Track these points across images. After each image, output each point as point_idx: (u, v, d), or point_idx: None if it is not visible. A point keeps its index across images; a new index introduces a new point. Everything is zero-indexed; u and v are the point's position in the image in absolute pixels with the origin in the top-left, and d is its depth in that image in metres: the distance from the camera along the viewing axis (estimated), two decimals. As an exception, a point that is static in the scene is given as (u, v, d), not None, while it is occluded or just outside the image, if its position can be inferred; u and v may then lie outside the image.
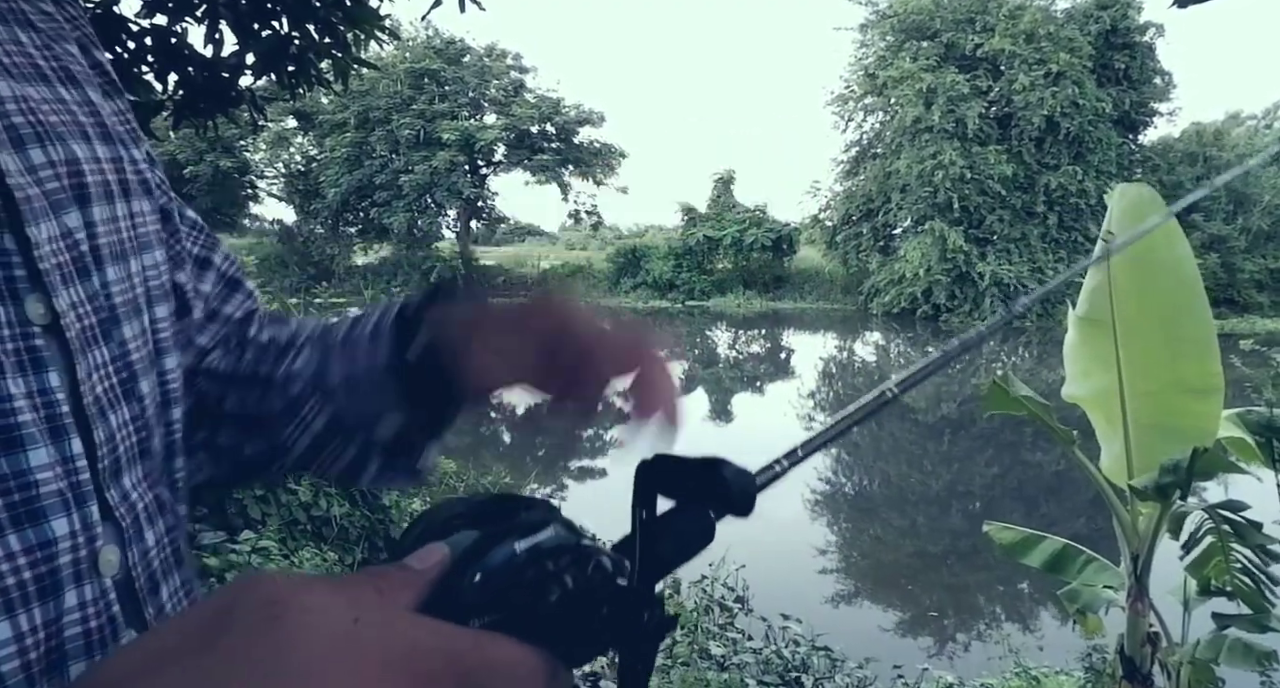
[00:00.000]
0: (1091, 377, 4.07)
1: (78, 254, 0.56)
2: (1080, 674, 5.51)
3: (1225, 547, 3.50)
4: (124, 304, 0.59)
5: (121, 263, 0.60)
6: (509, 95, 36.52)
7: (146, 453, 0.60)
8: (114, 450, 0.56)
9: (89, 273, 0.56)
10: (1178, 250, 3.86)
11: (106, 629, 0.52)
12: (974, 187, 28.29)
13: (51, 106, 0.58)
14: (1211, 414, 3.81)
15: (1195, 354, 3.81)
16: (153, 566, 0.58)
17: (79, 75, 0.63)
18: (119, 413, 0.57)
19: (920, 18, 30.25)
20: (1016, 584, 8.18)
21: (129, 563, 0.55)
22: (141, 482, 0.59)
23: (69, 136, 0.58)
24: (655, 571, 0.43)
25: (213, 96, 4.08)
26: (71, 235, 0.56)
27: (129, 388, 0.58)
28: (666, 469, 0.45)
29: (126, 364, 0.59)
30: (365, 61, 4.34)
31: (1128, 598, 3.97)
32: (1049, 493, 11.11)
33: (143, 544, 0.57)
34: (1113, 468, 4.02)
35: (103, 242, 0.58)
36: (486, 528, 0.42)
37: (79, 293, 0.55)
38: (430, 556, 0.40)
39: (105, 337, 0.57)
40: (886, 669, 5.72)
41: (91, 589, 0.52)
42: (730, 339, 27.74)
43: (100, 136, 0.61)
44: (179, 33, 3.94)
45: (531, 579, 0.40)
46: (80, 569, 0.51)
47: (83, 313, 0.55)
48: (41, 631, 0.49)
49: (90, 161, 0.59)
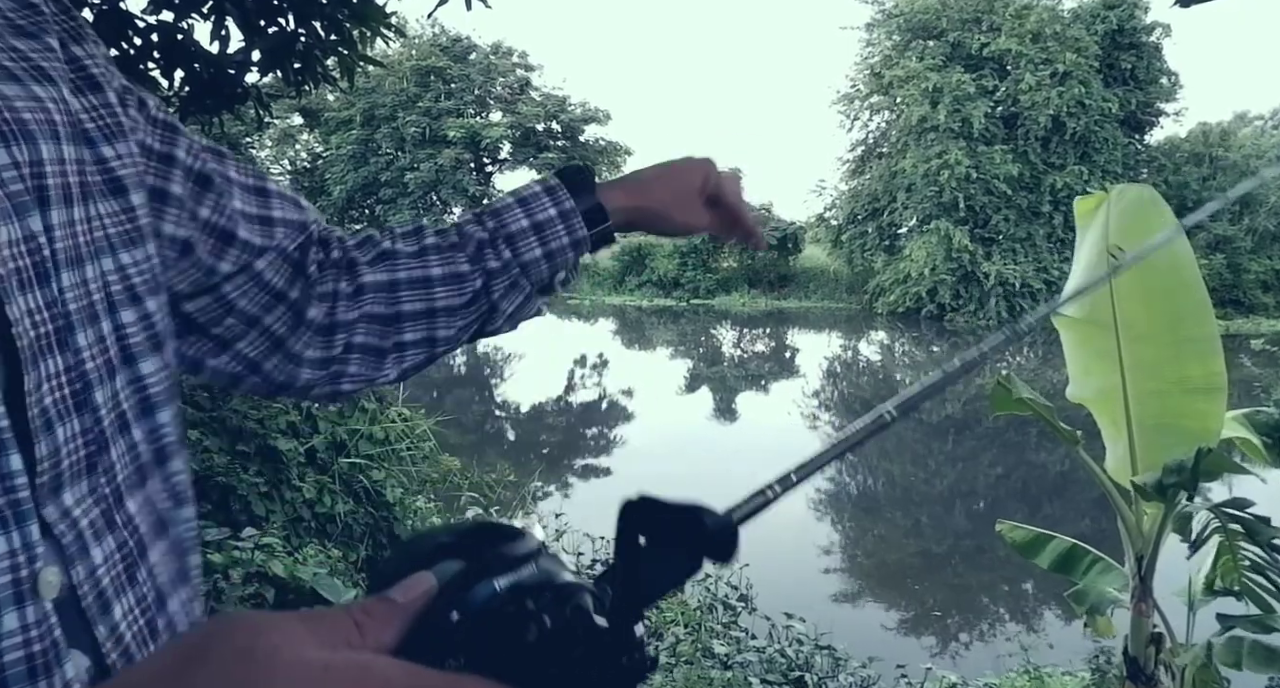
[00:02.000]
0: (1095, 377, 4.07)
1: (39, 259, 0.54)
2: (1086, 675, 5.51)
3: (1233, 545, 3.49)
4: (79, 311, 0.57)
5: (77, 268, 0.57)
6: (515, 93, 36.53)
7: (94, 468, 0.56)
8: (56, 465, 0.53)
9: (48, 278, 0.54)
10: (1179, 250, 3.86)
11: (50, 653, 0.50)
12: (979, 186, 28.24)
13: (25, 105, 0.57)
14: (1215, 414, 3.80)
15: (1198, 354, 3.80)
16: (101, 584, 0.55)
17: (54, 72, 0.61)
18: (68, 425, 0.54)
19: (926, 17, 30.18)
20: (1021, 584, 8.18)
21: (73, 582, 0.53)
22: (86, 497, 0.55)
23: (39, 136, 0.56)
24: (636, 610, 0.43)
25: (218, 93, 4.08)
26: (35, 239, 0.54)
27: (81, 399, 0.56)
28: (649, 511, 0.44)
29: (80, 374, 0.56)
30: (371, 59, 4.34)
31: (1132, 598, 3.97)
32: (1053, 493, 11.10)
33: (88, 562, 0.54)
34: (1117, 468, 4.01)
35: (59, 246, 0.56)
36: (469, 561, 0.43)
37: (37, 299, 0.53)
38: (415, 587, 0.41)
39: (61, 345, 0.55)
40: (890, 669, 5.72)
41: (34, 611, 0.49)
42: (735, 338, 27.73)
43: (70, 136, 0.60)
44: (185, 29, 3.94)
45: (510, 618, 0.41)
46: (21, 591, 0.49)
47: (39, 320, 0.53)
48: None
49: (54, 162, 0.57)
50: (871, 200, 31.20)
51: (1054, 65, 28.14)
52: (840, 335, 28.59)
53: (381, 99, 34.64)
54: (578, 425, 15.41)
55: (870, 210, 31.22)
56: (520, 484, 8.74)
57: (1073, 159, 28.78)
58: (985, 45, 29.19)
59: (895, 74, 29.91)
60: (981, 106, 28.39)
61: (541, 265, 0.92)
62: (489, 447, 12.67)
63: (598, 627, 0.42)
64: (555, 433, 14.92)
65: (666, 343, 26.62)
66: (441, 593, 0.41)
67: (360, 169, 35.39)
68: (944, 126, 28.44)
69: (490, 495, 7.52)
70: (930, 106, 28.75)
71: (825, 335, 29.01)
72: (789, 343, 27.44)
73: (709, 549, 0.44)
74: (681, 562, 0.44)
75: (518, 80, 36.88)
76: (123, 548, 0.58)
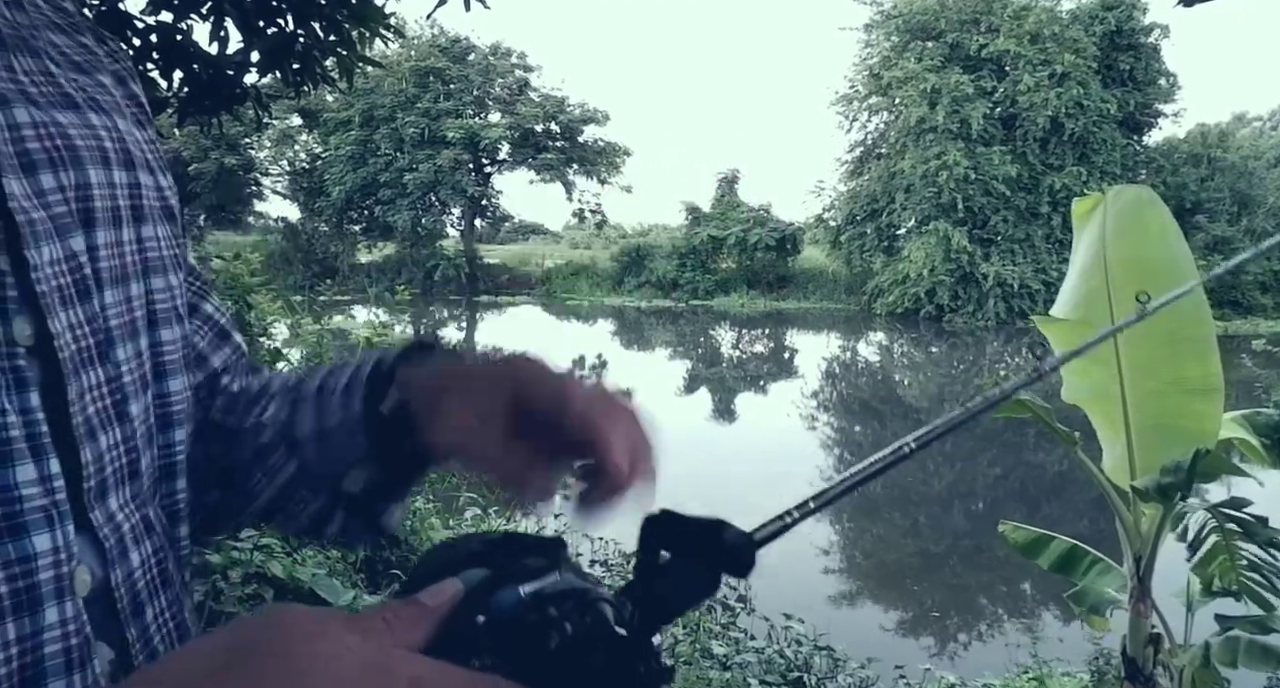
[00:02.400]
0: (1091, 378, 4.06)
1: (80, 277, 0.57)
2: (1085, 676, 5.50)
3: (1230, 545, 3.50)
4: (119, 327, 0.60)
5: (121, 286, 0.61)
6: (514, 94, 36.55)
7: (135, 474, 0.60)
8: (102, 471, 0.56)
9: (89, 295, 0.58)
10: (1176, 251, 3.86)
11: (85, 648, 0.53)
12: (978, 187, 28.25)
13: (78, 132, 0.60)
14: (1212, 414, 3.80)
15: (1195, 354, 3.80)
16: (137, 586, 0.58)
17: (107, 104, 0.65)
18: (110, 434, 0.58)
19: (925, 18, 30.20)
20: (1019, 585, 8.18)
21: (111, 583, 0.56)
22: (129, 503, 0.59)
23: (88, 162, 0.60)
24: (656, 621, 0.44)
25: (218, 94, 4.09)
26: (76, 258, 0.57)
27: (121, 410, 0.59)
28: (671, 526, 0.46)
29: (120, 386, 0.59)
30: (370, 59, 4.34)
31: (1130, 599, 3.97)
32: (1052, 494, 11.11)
33: (127, 565, 0.57)
34: (1115, 469, 4.01)
35: (104, 265, 0.59)
36: (496, 568, 0.45)
37: (78, 315, 0.56)
38: (443, 592, 0.43)
39: (102, 358, 0.58)
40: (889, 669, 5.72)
41: (72, 607, 0.52)
42: (734, 339, 27.73)
43: (122, 162, 0.63)
44: (184, 30, 3.95)
45: (533, 624, 0.42)
46: (62, 586, 0.52)
47: (80, 334, 0.56)
48: (17, 645, 0.49)
49: (103, 186, 0.60)
50: (870, 201, 31.21)
51: (1052, 66, 28.16)
52: (839, 336, 28.60)
53: (380, 100, 34.65)
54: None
55: (869, 211, 31.23)
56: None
57: (1071, 160, 28.80)
58: (984, 46, 29.21)
59: (894, 75, 29.93)
60: (980, 107, 28.41)
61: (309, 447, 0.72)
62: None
63: (617, 635, 0.43)
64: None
65: (665, 344, 26.61)
66: (468, 598, 0.43)
67: (359, 170, 35.38)
68: (942, 127, 28.46)
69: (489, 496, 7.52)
70: (929, 107, 28.77)
71: (824, 336, 29.02)
72: (788, 344, 27.44)
73: (728, 564, 0.45)
74: (702, 578, 0.46)
75: (516, 81, 36.91)
76: (158, 552, 0.61)
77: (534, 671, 0.41)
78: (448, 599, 0.43)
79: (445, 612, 0.42)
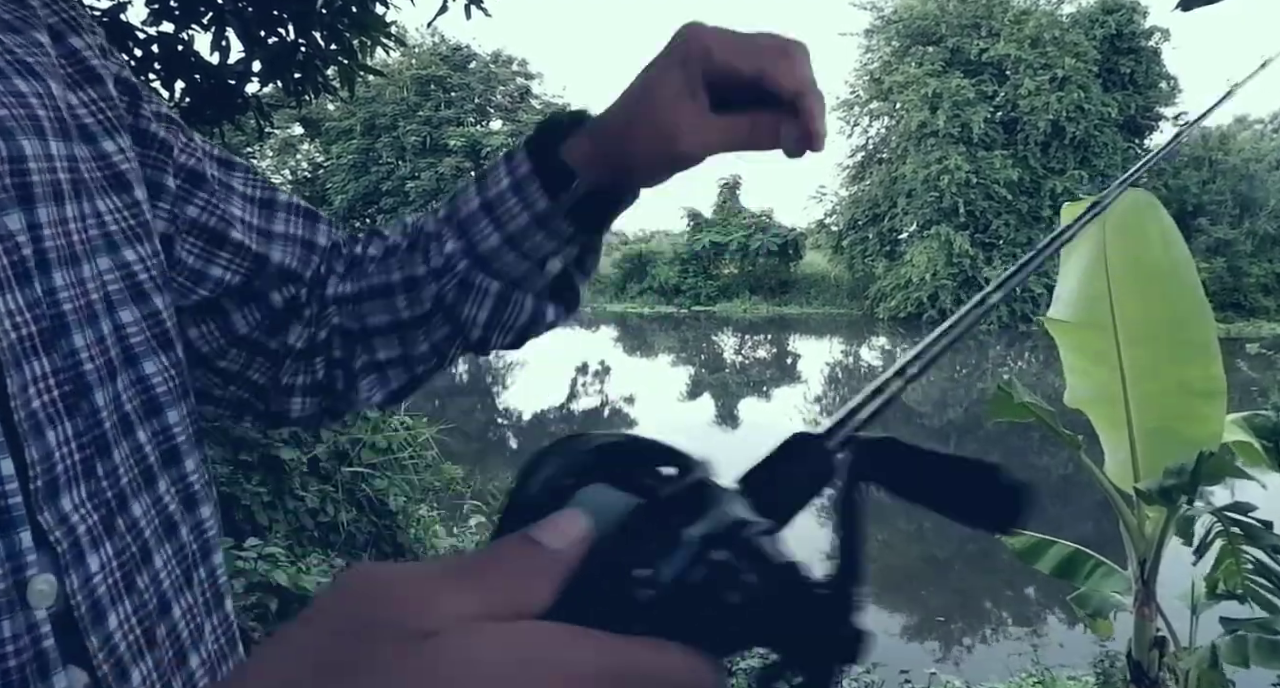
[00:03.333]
0: (1094, 381, 4.07)
1: (17, 258, 0.52)
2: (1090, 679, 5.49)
3: (1235, 549, 3.49)
4: (74, 311, 0.55)
5: (73, 267, 0.55)
6: (515, 101, 36.61)
7: (92, 472, 0.54)
8: (50, 470, 0.51)
9: (30, 278, 0.52)
10: (1177, 254, 3.86)
11: (31, 667, 0.47)
12: (980, 191, 28.26)
13: (5, 100, 0.54)
14: (1215, 417, 3.80)
15: (1198, 357, 3.80)
16: (96, 593, 0.52)
17: (40, 67, 0.58)
18: (59, 429, 0.52)
19: (925, 23, 30.25)
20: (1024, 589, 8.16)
21: (67, 591, 0.51)
22: (85, 502, 0.53)
23: (19, 132, 0.54)
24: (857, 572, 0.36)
25: (219, 103, 4.10)
26: (13, 238, 0.52)
27: (73, 402, 0.53)
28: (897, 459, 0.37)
29: (76, 376, 0.54)
30: (371, 68, 4.35)
31: (1135, 602, 3.96)
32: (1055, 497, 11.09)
33: (84, 570, 0.52)
34: (1118, 472, 4.01)
35: (49, 244, 0.54)
36: (643, 494, 0.34)
37: (16, 300, 0.51)
38: (568, 529, 0.30)
39: (47, 347, 0.52)
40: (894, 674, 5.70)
41: (13, 624, 0.47)
42: (736, 344, 27.73)
43: (58, 132, 0.57)
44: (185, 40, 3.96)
45: (708, 581, 0.31)
46: (10, 600, 0.47)
47: (20, 322, 0.51)
48: None
49: (40, 159, 0.55)
50: (872, 206, 31.23)
51: (1053, 70, 28.18)
52: (841, 341, 28.58)
53: (382, 108, 34.71)
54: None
55: (871, 216, 31.24)
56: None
57: (1072, 163, 28.81)
58: (984, 50, 29.24)
59: (895, 80, 29.97)
60: (981, 112, 28.43)
61: (505, 255, 0.74)
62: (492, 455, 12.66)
63: (815, 593, 0.34)
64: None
65: (668, 350, 26.60)
66: (611, 539, 0.31)
67: (361, 178, 35.44)
68: (944, 132, 28.48)
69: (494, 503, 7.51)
70: (930, 112, 28.80)
71: (826, 341, 29.00)
72: (790, 349, 27.43)
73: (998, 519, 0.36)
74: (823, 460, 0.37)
75: (518, 88, 36.97)
76: (121, 554, 0.55)
77: (714, 637, 0.31)
78: (575, 541, 0.30)
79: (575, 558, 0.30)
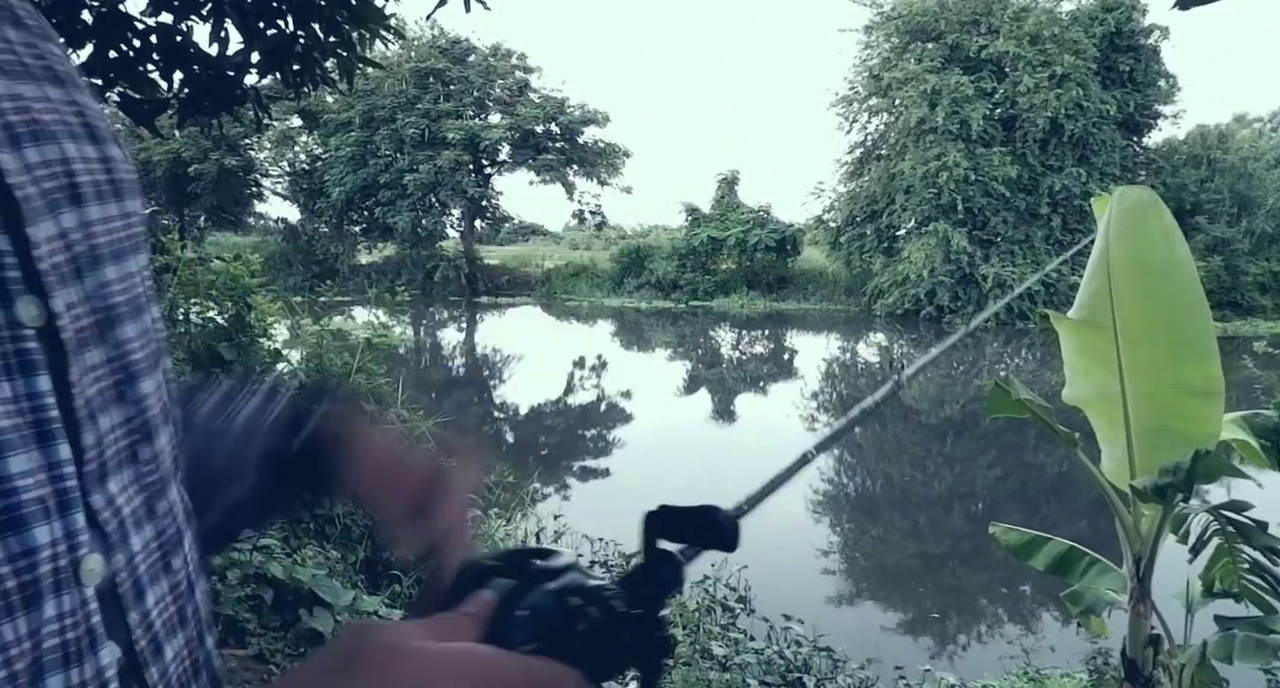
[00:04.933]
0: (1093, 379, 4.07)
1: (73, 254, 0.55)
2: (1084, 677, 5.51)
3: (1231, 548, 3.50)
4: (124, 303, 0.58)
5: (120, 262, 0.59)
6: (514, 95, 36.56)
7: (136, 456, 0.58)
8: (101, 455, 0.54)
9: (86, 273, 0.56)
10: (1177, 253, 3.86)
11: (84, 641, 0.51)
12: (978, 188, 28.27)
13: (42, 105, 0.57)
14: (1213, 416, 3.80)
15: (1196, 357, 3.80)
16: (138, 571, 0.56)
17: (64, 75, 0.61)
18: (110, 416, 0.56)
19: (925, 19, 30.22)
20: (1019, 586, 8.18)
21: (113, 569, 0.54)
22: (130, 486, 0.57)
23: (59, 135, 0.57)
24: (657, 602, 0.56)
25: (218, 95, 4.09)
26: (68, 235, 0.55)
27: (123, 390, 0.57)
28: (667, 517, 0.58)
29: (124, 365, 0.58)
30: (370, 61, 4.34)
31: (1130, 600, 3.97)
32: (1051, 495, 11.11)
33: (128, 549, 0.56)
34: (1114, 470, 4.01)
35: (101, 240, 0.57)
36: (520, 575, 0.55)
37: (77, 293, 0.54)
38: (481, 602, 0.54)
39: (102, 338, 0.56)
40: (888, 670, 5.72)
41: (70, 600, 0.50)
42: (734, 340, 27.74)
43: (87, 136, 0.60)
44: (184, 31, 3.95)
45: (564, 613, 0.53)
46: (60, 579, 0.50)
47: (80, 313, 0.54)
48: (22, 644, 0.48)
49: (80, 161, 0.57)
50: (870, 202, 31.23)
51: (1052, 67, 28.17)
52: (839, 337, 28.61)
53: (380, 101, 34.67)
54: (576, 427, 15.40)
55: (869, 212, 31.25)
56: (519, 486, 8.73)
57: (1071, 161, 28.82)
58: (983, 47, 29.23)
59: (894, 76, 29.95)
60: (980, 109, 28.42)
61: None
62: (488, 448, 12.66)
63: (632, 615, 0.54)
64: (554, 435, 14.91)
65: (665, 345, 26.61)
66: (505, 599, 0.53)
67: (359, 171, 35.40)
68: (942, 129, 28.48)
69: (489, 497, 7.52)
70: (929, 109, 28.79)
71: (824, 337, 29.03)
72: (787, 345, 27.45)
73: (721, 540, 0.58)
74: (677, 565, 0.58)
75: (517, 82, 36.91)
76: (161, 535, 0.60)
77: (571, 651, 0.51)
78: (487, 606, 0.53)
79: (488, 615, 0.53)
